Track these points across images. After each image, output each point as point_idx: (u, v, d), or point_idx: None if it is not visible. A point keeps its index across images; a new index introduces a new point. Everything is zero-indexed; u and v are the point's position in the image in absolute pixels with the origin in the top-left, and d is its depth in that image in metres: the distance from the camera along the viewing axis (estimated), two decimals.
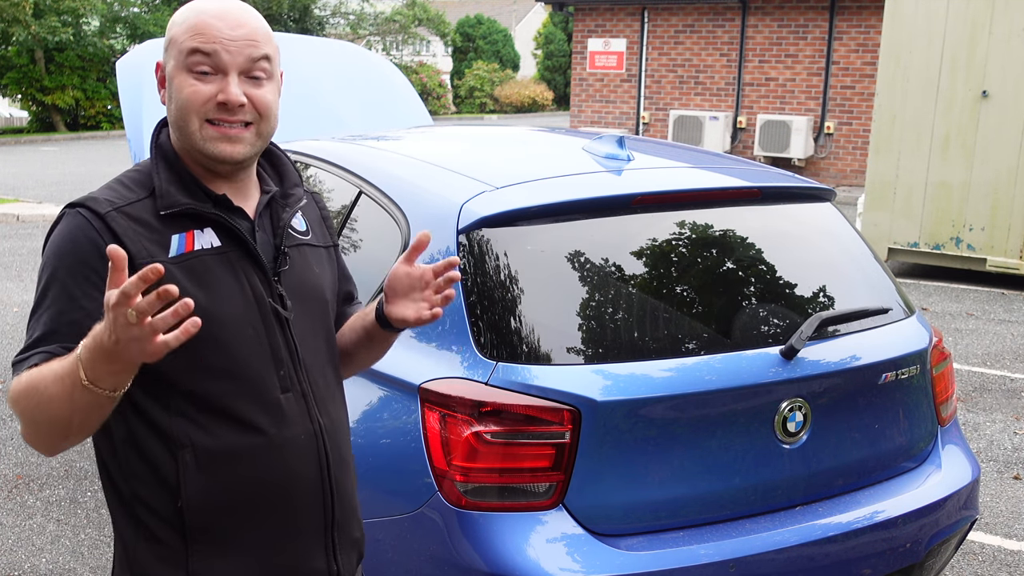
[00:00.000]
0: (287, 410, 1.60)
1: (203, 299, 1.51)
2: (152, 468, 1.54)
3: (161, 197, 1.55)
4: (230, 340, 1.55)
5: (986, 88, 8.32)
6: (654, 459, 2.40)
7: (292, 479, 1.61)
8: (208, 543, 1.55)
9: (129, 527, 1.58)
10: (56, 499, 4.29)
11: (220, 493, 1.55)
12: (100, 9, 25.59)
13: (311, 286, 1.70)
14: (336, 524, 1.69)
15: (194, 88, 1.53)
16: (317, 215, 1.82)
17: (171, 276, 1.49)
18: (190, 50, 1.53)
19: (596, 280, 2.55)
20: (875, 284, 2.97)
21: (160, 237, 1.53)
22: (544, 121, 28.86)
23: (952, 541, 2.88)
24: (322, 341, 1.72)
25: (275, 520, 1.60)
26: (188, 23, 1.55)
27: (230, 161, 1.57)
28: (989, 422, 5.36)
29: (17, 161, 18.54)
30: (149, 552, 1.57)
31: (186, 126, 1.55)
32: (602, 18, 16.19)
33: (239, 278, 1.58)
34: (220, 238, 1.58)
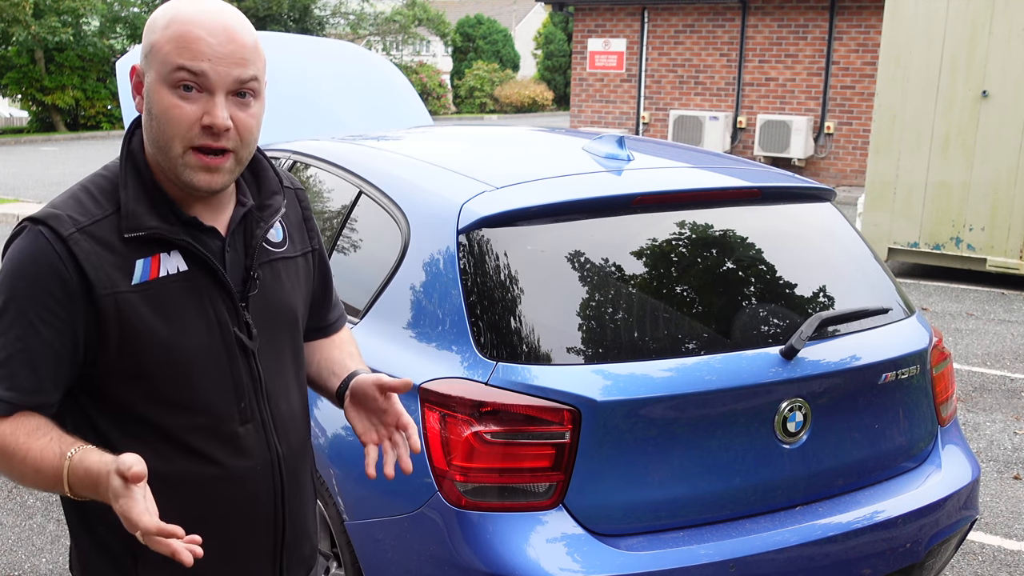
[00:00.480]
0: (245, 442, 1.56)
1: (164, 331, 1.46)
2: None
3: (126, 218, 1.45)
4: (191, 373, 1.49)
5: (986, 88, 8.32)
6: (654, 459, 2.40)
7: (244, 506, 1.58)
8: (157, 563, 1.47)
9: (83, 534, 1.56)
10: (56, 499, 4.29)
11: (171, 515, 1.44)
12: (100, 9, 25.60)
13: (280, 307, 1.62)
14: (285, 546, 1.66)
15: (179, 108, 1.42)
16: (299, 216, 1.72)
17: (132, 306, 1.43)
18: (176, 66, 1.41)
19: (596, 280, 2.55)
20: (875, 284, 2.97)
21: (123, 262, 1.44)
22: (544, 121, 28.86)
23: (952, 541, 2.88)
24: (288, 364, 1.66)
25: (225, 542, 1.57)
26: (173, 32, 1.42)
27: (207, 191, 1.48)
28: (989, 422, 5.36)
29: (17, 161, 18.54)
30: (100, 560, 1.55)
31: (168, 148, 1.44)
32: (602, 18, 16.20)
33: (204, 307, 1.50)
34: (187, 262, 1.49)
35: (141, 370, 1.46)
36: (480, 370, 2.36)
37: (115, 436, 1.48)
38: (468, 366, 2.38)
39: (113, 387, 1.47)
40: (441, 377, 2.39)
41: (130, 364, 1.45)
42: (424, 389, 2.40)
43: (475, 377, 2.36)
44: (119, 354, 1.44)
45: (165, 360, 1.46)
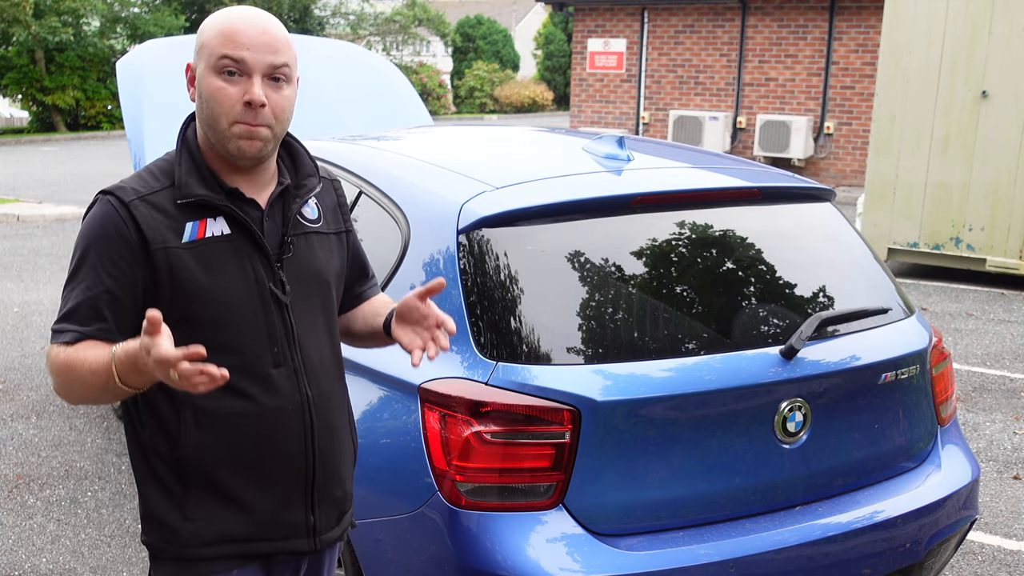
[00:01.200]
0: (277, 383, 1.80)
1: (209, 282, 1.72)
2: (159, 420, 1.77)
3: (179, 188, 1.75)
4: (230, 320, 1.75)
5: (986, 88, 8.32)
6: (654, 459, 2.40)
7: (278, 443, 1.81)
8: (201, 490, 1.79)
9: (143, 468, 1.82)
10: (56, 499, 4.29)
11: (212, 448, 1.77)
12: (100, 9, 25.59)
13: (314, 271, 1.87)
14: (316, 484, 1.88)
15: (224, 90, 1.71)
16: (334, 201, 1.99)
17: (181, 260, 1.71)
18: (220, 55, 1.71)
19: (596, 280, 2.55)
20: (875, 284, 2.97)
21: (176, 224, 1.73)
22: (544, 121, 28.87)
23: (952, 541, 2.88)
24: (321, 322, 1.89)
25: (260, 476, 1.81)
26: (218, 29, 1.72)
27: (248, 157, 1.74)
28: (989, 422, 5.36)
29: (17, 161, 18.54)
30: (157, 491, 1.81)
31: (216, 123, 1.73)
32: (602, 18, 16.20)
33: (244, 264, 1.76)
34: (230, 227, 1.76)
35: (189, 315, 1.72)
36: (480, 370, 2.36)
37: None
38: (468, 366, 2.39)
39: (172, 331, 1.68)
40: (441, 377, 2.39)
41: (180, 310, 1.71)
42: (424, 389, 2.40)
43: (475, 377, 2.36)
44: (170, 301, 1.71)
45: (208, 307, 1.73)
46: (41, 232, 11.12)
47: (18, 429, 5.09)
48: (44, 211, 12.15)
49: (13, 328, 6.99)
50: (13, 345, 6.57)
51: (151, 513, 1.82)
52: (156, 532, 1.82)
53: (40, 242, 10.46)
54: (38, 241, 10.53)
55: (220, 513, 1.80)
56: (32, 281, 8.53)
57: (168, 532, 1.80)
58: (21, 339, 6.71)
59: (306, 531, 1.88)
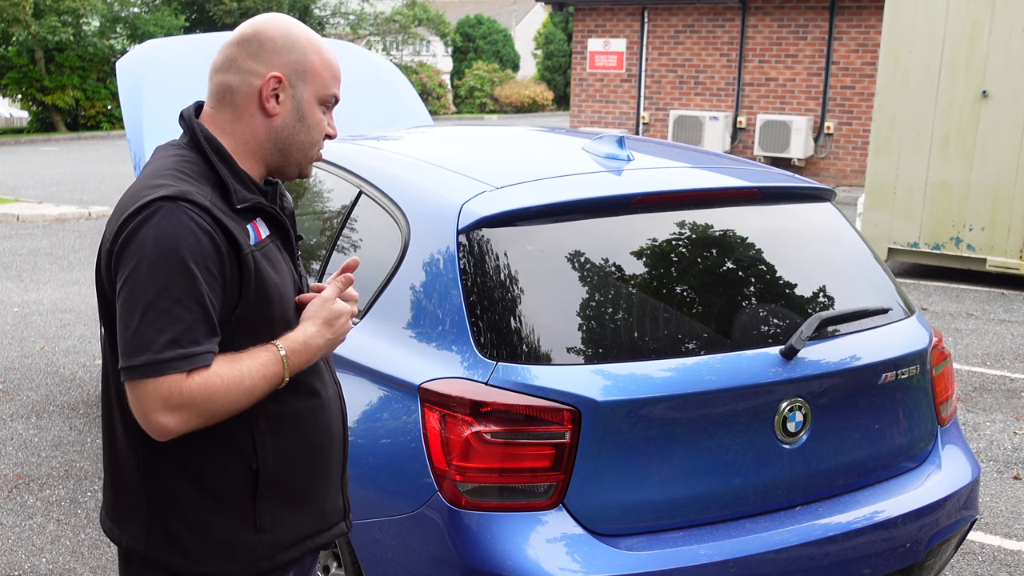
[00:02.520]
0: (324, 374, 1.87)
1: (278, 282, 1.75)
2: (222, 439, 1.70)
3: (235, 192, 1.72)
4: (291, 316, 1.78)
5: (986, 88, 8.32)
6: (654, 459, 2.40)
7: (334, 432, 1.88)
8: (274, 497, 1.77)
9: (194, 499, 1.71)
10: (56, 499, 4.29)
11: (289, 452, 1.78)
12: (100, 9, 25.59)
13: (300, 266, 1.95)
14: (345, 465, 1.96)
15: (323, 124, 1.80)
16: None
17: (259, 262, 1.70)
18: (331, 95, 1.79)
19: (596, 280, 2.55)
20: (875, 284, 2.97)
21: (241, 228, 1.70)
22: (544, 121, 28.86)
23: (952, 541, 2.88)
24: None
25: (319, 470, 1.85)
26: (326, 63, 1.78)
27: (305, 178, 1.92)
28: (989, 422, 5.36)
29: (17, 161, 18.54)
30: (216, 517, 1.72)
31: (307, 150, 1.80)
32: (602, 18, 16.20)
33: (287, 261, 1.82)
34: (268, 228, 1.79)
35: (267, 317, 1.72)
36: (480, 370, 2.36)
37: None
38: (468, 366, 2.38)
39: (242, 337, 1.69)
40: (441, 377, 2.39)
41: (259, 313, 1.71)
42: (424, 389, 2.40)
43: (475, 377, 2.36)
44: (253, 304, 1.69)
45: (281, 306, 1.75)
46: (41, 232, 11.12)
47: (18, 429, 5.08)
48: (44, 211, 12.14)
49: (13, 328, 6.99)
50: (13, 345, 6.56)
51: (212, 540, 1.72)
52: (224, 557, 1.74)
53: (40, 242, 10.46)
54: (38, 241, 10.53)
55: (292, 516, 1.80)
56: (32, 281, 8.53)
57: (243, 552, 1.74)
58: (21, 339, 6.71)
59: (343, 514, 1.94)
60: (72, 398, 5.55)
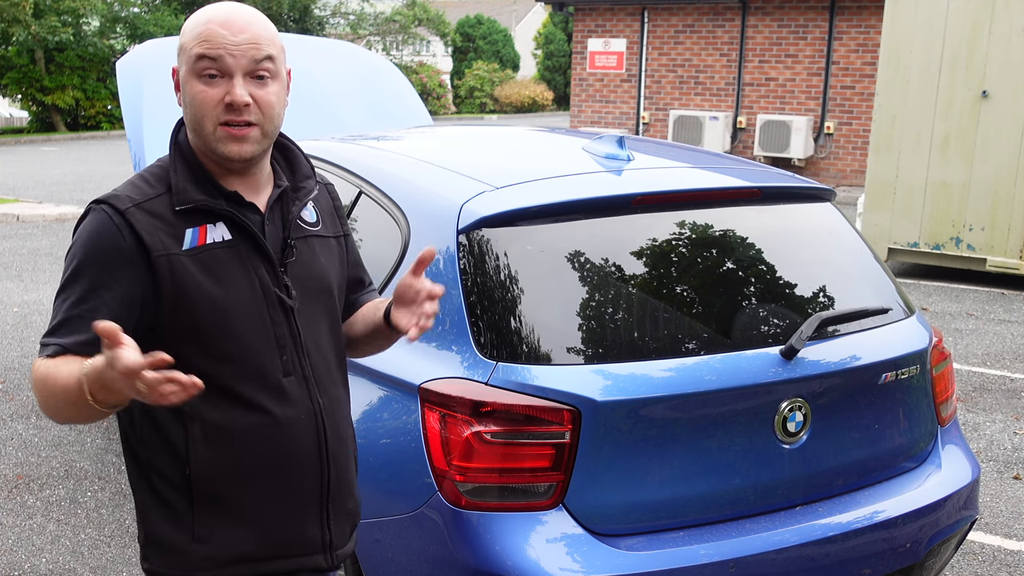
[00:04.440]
0: (289, 392, 1.74)
1: (214, 289, 1.66)
2: (164, 438, 1.69)
3: (176, 194, 1.68)
4: (237, 328, 1.69)
5: (986, 88, 8.32)
6: (654, 459, 2.40)
7: (293, 455, 1.75)
8: (213, 510, 1.71)
9: (144, 492, 1.74)
10: (56, 499, 4.29)
11: (225, 464, 1.70)
12: (100, 9, 25.59)
13: (317, 276, 1.82)
14: (331, 496, 1.82)
15: (204, 93, 1.65)
16: (330, 205, 1.93)
17: (184, 267, 1.64)
18: (197, 56, 1.65)
19: (596, 280, 2.55)
20: (875, 284, 2.97)
21: (175, 231, 1.66)
22: (544, 121, 28.86)
23: (952, 541, 2.88)
24: (325, 327, 1.84)
25: (276, 491, 1.74)
26: (195, 31, 1.66)
27: (238, 159, 1.68)
28: (989, 422, 5.36)
29: (17, 161, 18.54)
30: (160, 516, 1.72)
31: (200, 128, 1.67)
32: (602, 18, 16.19)
33: (247, 270, 1.71)
34: (231, 232, 1.70)
35: (195, 325, 1.66)
36: (480, 370, 2.36)
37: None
38: (468, 366, 2.38)
39: (172, 345, 1.61)
40: (441, 377, 2.39)
41: (186, 321, 1.65)
42: (424, 389, 2.40)
43: (475, 377, 2.36)
44: (175, 311, 1.65)
45: (215, 315, 1.66)
46: (41, 232, 11.12)
47: (18, 429, 5.08)
48: (44, 211, 12.15)
49: (13, 328, 6.99)
50: (13, 345, 6.56)
51: (155, 537, 1.73)
52: (163, 557, 1.73)
53: (40, 242, 10.46)
54: (38, 241, 10.53)
55: (234, 532, 1.72)
56: (32, 281, 8.53)
57: (177, 556, 1.72)
58: (21, 339, 6.71)
59: (323, 546, 1.82)
60: None
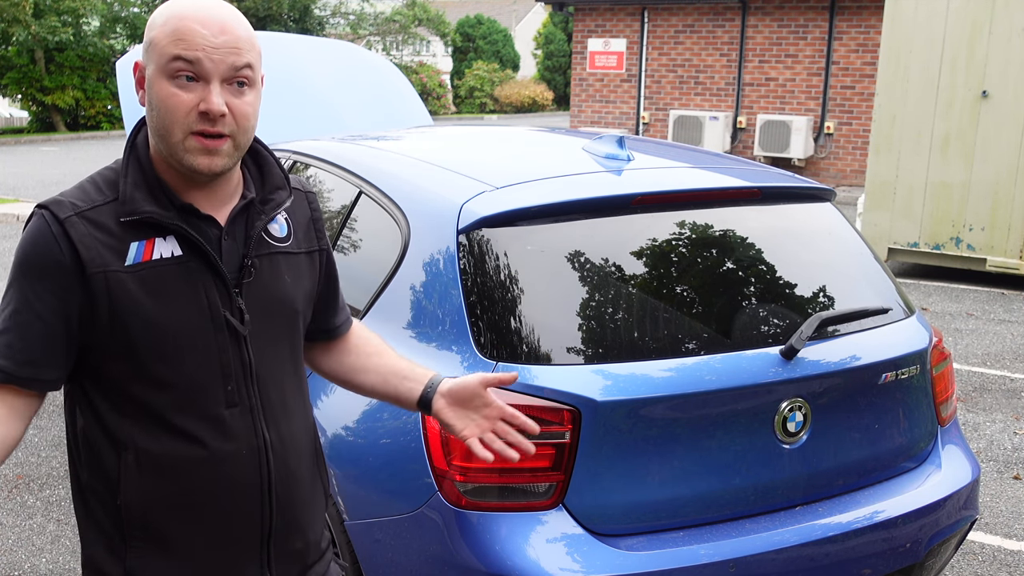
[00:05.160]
0: (230, 425, 1.59)
1: (154, 310, 1.52)
2: (99, 462, 1.58)
3: (123, 203, 1.53)
4: (179, 353, 1.55)
5: (986, 88, 8.32)
6: (654, 459, 2.40)
7: (230, 491, 1.61)
8: (145, 542, 1.59)
9: (82, 512, 1.64)
10: (56, 499, 4.29)
11: (157, 496, 1.57)
12: (100, 9, 25.60)
13: (278, 297, 1.66)
14: (272, 537, 1.67)
15: (176, 97, 1.49)
16: (307, 217, 1.76)
17: (123, 285, 1.50)
18: (172, 56, 1.48)
19: (596, 280, 2.55)
20: (875, 284, 2.97)
21: (119, 244, 1.52)
22: (544, 121, 28.86)
23: (952, 541, 2.88)
24: (285, 353, 1.69)
25: (210, 527, 1.61)
26: (169, 27, 1.50)
27: (207, 173, 1.53)
28: (989, 422, 5.36)
29: (17, 161, 18.54)
30: (97, 541, 1.62)
31: (168, 135, 1.51)
32: (602, 18, 16.20)
33: (196, 289, 1.56)
34: (182, 247, 1.55)
35: (131, 346, 1.52)
36: (480, 370, 2.36)
37: (111, 418, 1.56)
38: (468, 366, 2.38)
39: (107, 365, 1.54)
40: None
41: (121, 340, 1.52)
42: None
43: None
44: (110, 331, 1.52)
45: (152, 337, 1.52)
46: None
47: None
48: None
49: None
50: None
51: (92, 563, 1.63)
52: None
53: None
54: None
55: (164, 568, 1.60)
56: None
57: None
58: None
59: None
60: None
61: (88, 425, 1.58)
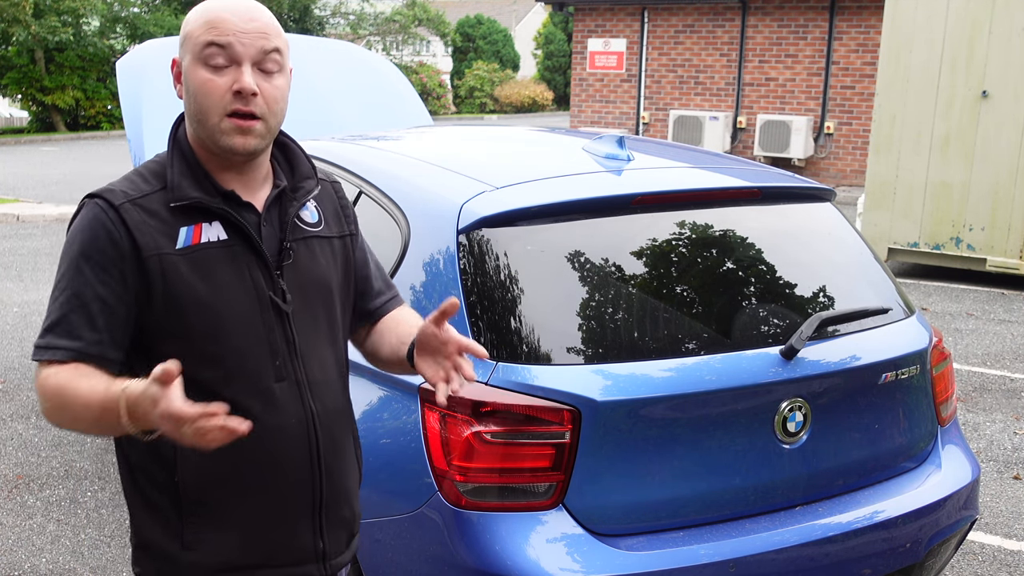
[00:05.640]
0: (279, 398, 1.68)
1: (205, 291, 1.62)
2: (153, 443, 1.61)
3: (172, 190, 1.64)
4: (229, 331, 1.64)
5: (986, 88, 8.32)
6: (654, 459, 2.40)
7: (281, 462, 1.70)
8: (201, 516, 1.67)
9: (135, 494, 1.71)
10: (56, 499, 4.29)
11: (212, 471, 1.65)
12: (100, 9, 25.60)
13: (315, 279, 1.76)
14: (324, 505, 1.77)
15: (211, 80, 1.60)
16: (335, 204, 1.87)
17: (176, 267, 1.60)
18: (205, 43, 1.60)
19: (596, 280, 2.55)
20: (875, 284, 2.97)
21: (169, 229, 1.62)
22: (544, 121, 28.86)
23: (952, 541, 2.88)
24: (324, 332, 1.78)
25: (264, 499, 1.70)
26: (203, 19, 1.62)
27: (242, 153, 1.63)
28: (989, 422, 5.36)
29: (17, 161, 18.54)
30: (150, 521, 1.69)
31: (205, 119, 1.62)
32: (602, 18, 16.19)
33: (242, 271, 1.66)
34: (227, 231, 1.66)
35: (183, 326, 1.62)
36: (480, 370, 2.36)
37: None
38: None
39: (160, 346, 1.62)
40: None
41: (174, 321, 1.61)
42: (424, 389, 2.40)
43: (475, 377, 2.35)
44: (165, 312, 1.61)
45: (204, 317, 1.62)
46: (41, 232, 11.12)
47: (18, 429, 5.08)
48: (44, 211, 12.15)
49: (13, 328, 6.99)
50: (13, 345, 6.56)
51: (145, 542, 1.71)
52: (152, 563, 1.71)
53: (40, 242, 10.46)
54: (38, 241, 10.53)
55: (222, 540, 1.68)
56: (32, 281, 8.53)
57: (165, 563, 1.69)
58: (21, 339, 6.71)
59: (315, 556, 1.77)
60: None
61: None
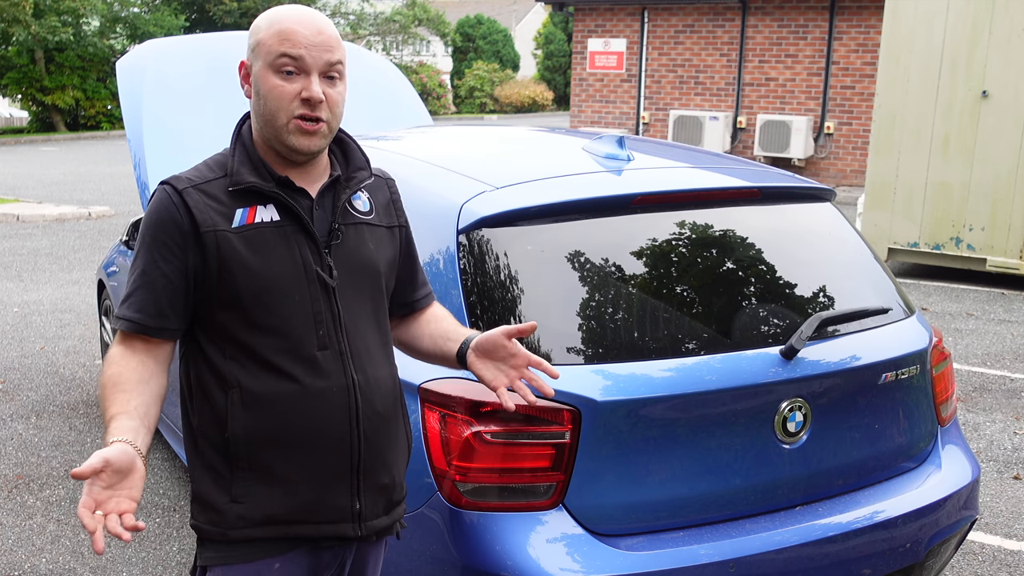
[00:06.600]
0: (322, 365, 1.84)
1: (256, 264, 1.80)
2: (210, 404, 1.83)
3: (231, 176, 1.83)
4: (277, 302, 1.81)
5: (986, 88, 8.32)
6: (654, 459, 2.40)
7: (323, 425, 1.84)
8: (249, 472, 1.82)
9: (194, 455, 1.88)
10: (56, 499, 4.29)
11: (260, 430, 1.81)
12: (100, 9, 25.61)
13: (362, 259, 1.92)
14: (363, 469, 1.89)
15: (281, 87, 1.78)
16: (387, 198, 2.04)
17: (230, 242, 1.79)
18: (279, 54, 1.78)
19: (596, 280, 2.55)
20: (875, 284, 2.97)
21: (227, 210, 1.81)
22: (544, 121, 28.86)
23: (952, 541, 2.88)
24: (368, 308, 1.94)
25: (305, 459, 1.84)
26: (275, 29, 1.79)
27: (306, 153, 1.82)
28: (989, 422, 5.36)
29: (17, 161, 18.54)
30: (206, 477, 1.86)
31: (274, 120, 1.80)
32: (602, 18, 16.20)
33: (291, 249, 1.83)
34: (280, 213, 1.84)
35: (236, 297, 1.80)
36: None
37: (219, 361, 1.82)
38: None
39: (216, 315, 1.81)
40: (441, 377, 2.39)
41: (228, 292, 1.79)
42: (424, 389, 2.40)
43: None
44: (219, 282, 1.79)
45: (255, 288, 1.80)
46: (41, 232, 11.12)
47: (18, 429, 5.08)
48: (44, 211, 12.15)
49: (13, 328, 6.99)
50: (13, 345, 6.56)
51: (200, 496, 1.86)
52: (204, 515, 1.86)
53: (40, 242, 10.46)
54: (38, 241, 10.53)
55: (266, 495, 1.83)
56: (32, 281, 8.53)
57: (215, 514, 1.84)
58: (21, 339, 6.71)
59: (351, 516, 1.90)
60: (72, 398, 5.55)
61: (200, 372, 1.84)
